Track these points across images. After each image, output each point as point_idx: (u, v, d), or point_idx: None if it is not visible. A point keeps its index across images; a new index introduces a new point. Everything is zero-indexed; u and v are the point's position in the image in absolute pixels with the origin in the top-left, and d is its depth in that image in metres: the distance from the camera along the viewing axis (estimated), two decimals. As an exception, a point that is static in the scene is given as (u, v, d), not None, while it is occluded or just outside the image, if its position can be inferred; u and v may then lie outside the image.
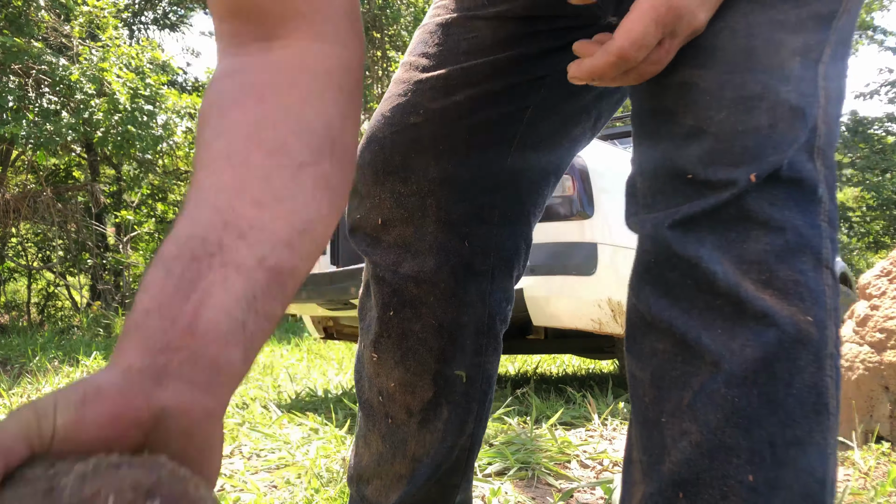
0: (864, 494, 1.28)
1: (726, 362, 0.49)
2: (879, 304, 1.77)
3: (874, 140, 15.62)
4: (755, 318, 0.49)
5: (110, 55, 6.75)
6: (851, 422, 1.70)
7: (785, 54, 0.51)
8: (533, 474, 1.57)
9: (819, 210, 0.51)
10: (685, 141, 0.52)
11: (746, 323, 0.49)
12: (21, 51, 6.13)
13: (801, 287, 0.50)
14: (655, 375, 0.54)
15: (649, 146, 0.56)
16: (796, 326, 0.49)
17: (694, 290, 0.51)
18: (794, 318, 0.49)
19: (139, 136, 6.60)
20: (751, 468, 0.49)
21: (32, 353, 5.16)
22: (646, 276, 0.55)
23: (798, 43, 0.52)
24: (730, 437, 0.50)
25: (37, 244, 9.30)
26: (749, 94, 0.51)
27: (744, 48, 0.51)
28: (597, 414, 2.22)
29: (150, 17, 11.63)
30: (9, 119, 6.10)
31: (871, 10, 15.39)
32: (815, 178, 0.51)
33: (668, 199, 0.53)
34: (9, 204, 7.40)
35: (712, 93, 0.52)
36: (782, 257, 0.50)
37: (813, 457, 0.50)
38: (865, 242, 17.73)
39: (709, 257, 0.50)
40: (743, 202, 0.50)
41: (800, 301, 0.50)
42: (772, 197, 0.50)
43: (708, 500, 0.50)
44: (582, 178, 2.54)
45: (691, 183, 0.52)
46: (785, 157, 0.50)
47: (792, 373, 0.49)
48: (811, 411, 0.50)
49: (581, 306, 2.48)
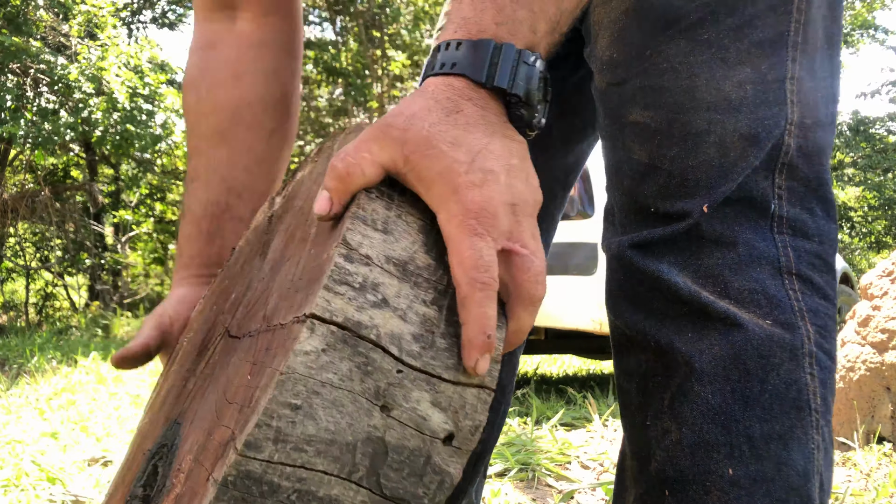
0: (865, 495, 1.27)
1: (697, 361, 0.52)
2: (881, 305, 1.77)
3: (876, 139, 15.63)
4: (720, 320, 0.52)
5: (109, 54, 6.74)
6: (853, 422, 1.70)
7: (730, 87, 0.54)
8: (533, 475, 1.56)
9: (771, 224, 0.54)
10: (643, 177, 0.56)
11: (713, 325, 0.52)
12: (19, 50, 6.12)
13: (757, 295, 0.53)
14: (640, 384, 0.56)
15: (615, 182, 0.60)
16: (761, 328, 0.52)
17: (662, 301, 0.54)
18: (756, 321, 0.52)
19: (138, 135, 6.59)
20: (730, 462, 0.50)
21: (30, 354, 5.14)
22: (619, 294, 0.58)
23: (745, 73, 0.55)
24: (708, 433, 0.51)
25: (35, 244, 9.29)
26: (696, 131, 0.54)
27: (687, 88, 0.54)
28: (597, 415, 2.21)
29: (149, 16, 11.61)
30: (7, 118, 6.09)
31: (872, 9, 15.41)
32: (766, 195, 0.54)
33: (634, 226, 0.57)
34: (7, 204, 7.38)
35: (662, 132, 0.55)
36: (736, 269, 0.53)
37: (794, 451, 0.51)
38: (867, 242, 17.74)
39: (668, 271, 0.54)
40: (696, 224, 0.54)
41: (757, 307, 0.52)
42: (722, 216, 0.53)
43: (693, 496, 0.51)
44: (583, 178, 2.54)
45: (653, 214, 0.56)
46: (736, 183, 0.53)
47: (766, 370, 0.51)
48: (791, 407, 0.51)
49: (581, 306, 2.48)
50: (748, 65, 0.55)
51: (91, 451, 1.88)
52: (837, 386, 1.76)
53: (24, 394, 3.41)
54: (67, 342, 6.04)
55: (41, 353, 5.15)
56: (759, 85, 0.55)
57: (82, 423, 2.53)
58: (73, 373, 4.28)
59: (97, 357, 4.96)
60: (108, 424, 2.55)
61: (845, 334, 1.83)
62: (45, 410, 2.85)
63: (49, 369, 4.39)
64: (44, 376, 4.05)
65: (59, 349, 5.54)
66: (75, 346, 5.58)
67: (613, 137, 0.60)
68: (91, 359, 4.86)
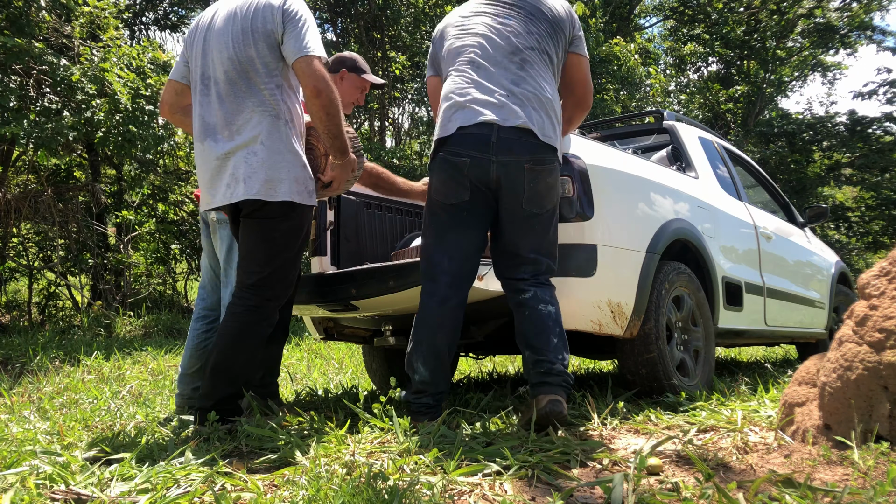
0: (863, 494, 1.28)
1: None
2: (878, 304, 1.77)
3: (873, 139, 15.61)
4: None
5: (111, 55, 6.75)
6: (850, 421, 1.71)
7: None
8: (533, 473, 1.57)
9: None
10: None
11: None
12: (22, 51, 6.13)
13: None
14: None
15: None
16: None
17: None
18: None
19: (140, 136, 6.61)
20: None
21: (33, 353, 5.16)
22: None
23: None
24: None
25: (38, 244, 9.30)
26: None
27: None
28: (596, 413, 2.22)
29: (151, 17, 11.63)
30: (10, 119, 6.11)
31: (870, 11, 15.39)
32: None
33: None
34: (10, 204, 7.40)
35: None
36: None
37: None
38: (864, 242, 17.71)
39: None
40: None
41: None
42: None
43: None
44: (581, 179, 2.54)
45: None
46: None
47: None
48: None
49: (581, 307, 2.48)
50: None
51: (93, 449, 1.89)
52: (835, 385, 1.76)
53: (27, 392, 3.43)
54: (70, 341, 6.06)
55: (44, 352, 5.17)
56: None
57: (85, 422, 2.55)
58: (75, 372, 4.30)
59: (99, 356, 4.98)
60: (110, 423, 2.56)
61: (843, 333, 1.84)
62: (47, 409, 2.86)
63: (52, 368, 4.40)
64: (46, 375, 4.07)
65: (61, 348, 5.56)
66: (78, 346, 5.59)
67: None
68: (93, 358, 4.88)
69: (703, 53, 17.09)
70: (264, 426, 2.05)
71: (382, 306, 2.65)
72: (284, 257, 2.27)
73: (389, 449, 1.84)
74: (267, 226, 2.24)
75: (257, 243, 2.26)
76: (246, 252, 2.29)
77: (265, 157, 2.20)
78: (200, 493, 1.46)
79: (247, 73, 2.23)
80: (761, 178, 4.63)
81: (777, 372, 3.68)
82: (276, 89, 2.24)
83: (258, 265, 2.25)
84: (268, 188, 2.19)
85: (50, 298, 9.15)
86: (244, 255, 2.29)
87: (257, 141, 2.20)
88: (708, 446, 1.86)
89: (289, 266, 2.30)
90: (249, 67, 2.23)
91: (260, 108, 2.22)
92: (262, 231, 2.25)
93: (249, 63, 2.22)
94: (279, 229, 2.25)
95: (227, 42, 2.26)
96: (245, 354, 2.20)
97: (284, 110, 2.25)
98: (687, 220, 2.99)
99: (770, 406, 2.36)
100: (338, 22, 11.91)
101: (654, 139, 3.91)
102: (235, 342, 2.18)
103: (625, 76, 11.70)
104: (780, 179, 15.38)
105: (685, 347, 2.94)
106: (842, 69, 17.98)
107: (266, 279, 2.25)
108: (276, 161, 2.20)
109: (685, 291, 2.93)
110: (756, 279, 3.63)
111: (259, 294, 2.24)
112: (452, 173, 2.16)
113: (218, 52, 2.27)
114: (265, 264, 2.24)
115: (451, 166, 2.16)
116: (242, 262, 2.30)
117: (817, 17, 15.76)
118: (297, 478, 1.54)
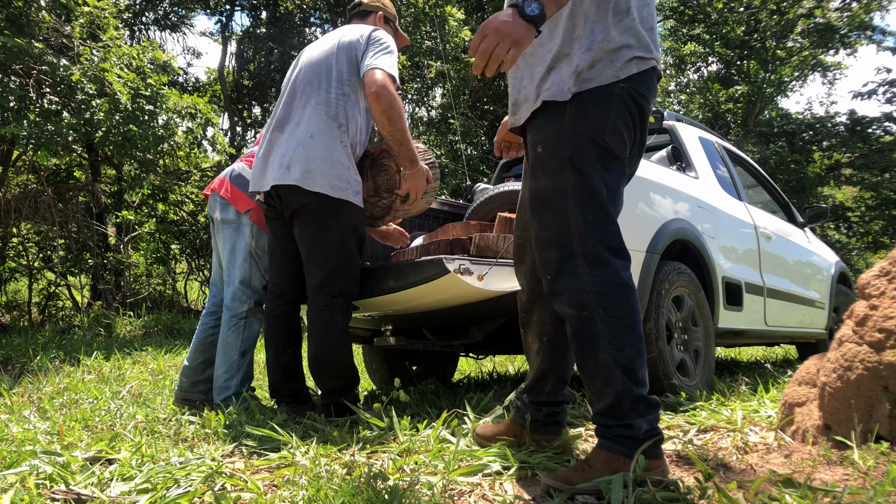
0: (863, 494, 1.28)
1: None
2: (878, 304, 1.77)
3: (872, 139, 15.60)
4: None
5: (111, 55, 6.75)
6: (851, 421, 1.71)
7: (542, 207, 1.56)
8: (533, 473, 1.57)
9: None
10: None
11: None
12: (22, 51, 6.13)
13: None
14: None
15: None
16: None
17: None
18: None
19: (140, 136, 6.60)
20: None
21: (33, 353, 5.16)
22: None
23: (546, 195, 1.52)
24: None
25: (38, 244, 9.30)
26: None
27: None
28: (596, 414, 2.22)
29: (151, 17, 11.63)
30: (10, 119, 6.10)
31: (870, 11, 15.38)
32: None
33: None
34: (10, 204, 7.40)
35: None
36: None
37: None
38: (864, 242, 17.71)
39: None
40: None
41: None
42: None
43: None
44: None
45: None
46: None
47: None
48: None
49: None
50: (551, 193, 1.55)
51: (94, 449, 1.89)
52: (835, 385, 1.76)
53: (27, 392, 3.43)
54: (70, 341, 6.06)
55: (44, 352, 5.17)
56: (551, 206, 1.58)
57: (85, 422, 2.55)
58: (75, 372, 4.30)
59: (99, 356, 4.98)
60: (110, 423, 2.56)
61: (843, 334, 1.84)
62: (47, 409, 2.86)
63: (52, 368, 4.40)
64: (46, 375, 4.07)
65: (61, 348, 5.56)
66: (78, 346, 5.59)
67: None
68: (93, 358, 4.88)
69: (703, 53, 17.09)
70: (264, 426, 2.05)
71: (382, 306, 2.65)
72: (342, 256, 2.40)
73: (389, 449, 1.84)
74: (317, 226, 2.38)
75: (313, 246, 2.40)
76: (306, 255, 2.44)
77: (312, 149, 2.37)
78: (200, 493, 1.46)
79: (320, 77, 2.46)
80: (761, 178, 4.63)
81: (777, 372, 3.68)
82: (342, 97, 2.44)
83: (318, 265, 2.39)
84: (306, 177, 2.35)
85: (50, 298, 9.15)
86: (305, 259, 2.44)
87: (309, 134, 2.39)
88: (708, 446, 1.86)
89: (349, 264, 2.42)
90: (324, 73, 2.47)
91: (321, 108, 2.42)
92: (314, 232, 2.39)
93: (326, 69, 2.47)
94: (331, 228, 2.38)
95: (315, 52, 2.56)
96: (335, 348, 2.38)
97: (342, 115, 2.43)
98: (687, 220, 2.99)
99: (770, 406, 2.36)
100: (338, 22, 11.91)
101: (654, 139, 3.91)
102: (322, 342, 2.37)
103: (625, 76, 11.65)
104: (780, 179, 15.37)
105: (685, 347, 2.94)
106: (842, 69, 17.98)
107: (328, 278, 2.38)
108: (320, 155, 2.37)
109: (685, 291, 2.93)
110: (756, 279, 3.63)
111: (326, 293, 2.39)
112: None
113: (306, 58, 2.57)
114: (324, 264, 2.38)
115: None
116: (306, 266, 2.45)
117: (817, 17, 15.76)
118: (297, 478, 1.54)
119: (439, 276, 2.31)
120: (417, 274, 2.37)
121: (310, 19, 12.38)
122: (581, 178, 1.46)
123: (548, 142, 1.50)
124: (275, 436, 1.97)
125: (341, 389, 2.40)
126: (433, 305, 2.58)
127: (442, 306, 2.58)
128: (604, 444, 1.44)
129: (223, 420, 2.30)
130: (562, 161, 1.47)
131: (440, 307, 2.60)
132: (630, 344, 1.42)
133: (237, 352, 2.66)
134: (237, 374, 2.65)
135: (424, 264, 2.36)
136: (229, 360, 2.65)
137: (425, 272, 2.35)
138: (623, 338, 1.42)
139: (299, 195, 2.37)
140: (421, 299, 2.50)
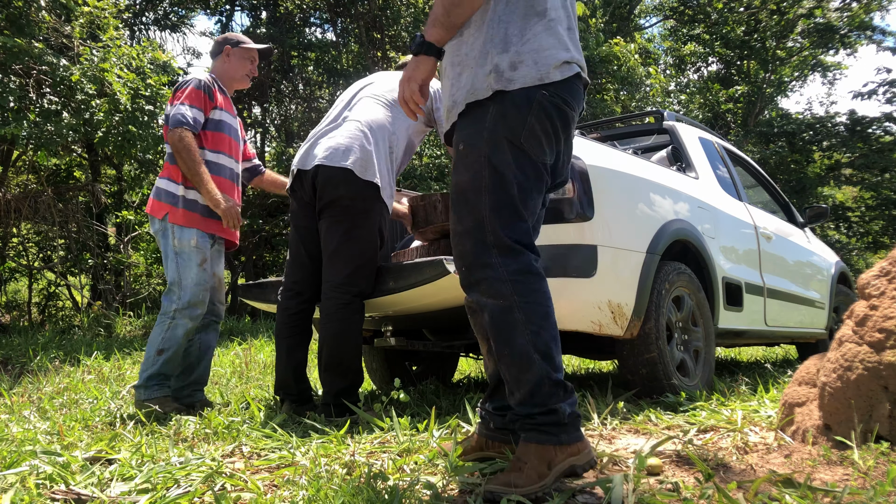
0: (863, 494, 1.28)
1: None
2: (878, 304, 1.77)
3: (872, 139, 15.60)
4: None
5: (111, 56, 6.75)
6: (851, 421, 1.71)
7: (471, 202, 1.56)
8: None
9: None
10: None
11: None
12: (22, 51, 6.13)
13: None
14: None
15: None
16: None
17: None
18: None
19: (140, 136, 6.61)
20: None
21: (33, 353, 5.16)
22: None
23: (464, 189, 1.56)
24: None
25: (38, 244, 9.30)
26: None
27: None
28: (596, 414, 2.22)
29: (151, 17, 11.63)
30: (10, 119, 6.10)
31: (870, 11, 15.39)
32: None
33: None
34: (10, 204, 7.40)
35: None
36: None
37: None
38: (864, 242, 17.72)
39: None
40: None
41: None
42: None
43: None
44: (582, 179, 2.54)
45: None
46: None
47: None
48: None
49: (581, 308, 2.48)
50: (479, 186, 1.57)
51: (94, 449, 1.89)
52: (835, 385, 1.76)
53: (27, 392, 3.43)
54: (70, 342, 6.06)
55: (44, 352, 5.17)
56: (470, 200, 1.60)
57: (85, 422, 2.55)
58: (75, 372, 4.30)
59: (99, 356, 4.98)
60: (110, 423, 2.56)
61: (843, 334, 1.84)
62: (47, 409, 2.86)
63: (52, 368, 4.40)
64: (46, 375, 4.07)
65: (61, 348, 5.56)
66: (78, 346, 5.59)
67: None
68: (93, 358, 4.88)
69: (703, 53, 17.10)
70: (264, 426, 2.05)
71: (382, 306, 2.65)
72: (368, 256, 2.45)
73: (389, 449, 1.84)
74: (349, 223, 2.44)
75: (343, 242, 2.44)
76: (332, 251, 2.47)
77: (366, 143, 2.47)
78: (200, 493, 1.46)
79: (387, 100, 2.64)
80: (761, 178, 4.63)
81: (777, 372, 3.68)
82: (399, 121, 2.61)
83: (345, 263, 2.44)
84: (358, 164, 2.43)
85: (50, 298, 9.15)
86: (331, 253, 2.47)
87: (363, 120, 2.53)
88: (708, 446, 1.86)
89: (371, 265, 2.47)
90: (390, 100, 2.64)
91: (381, 114, 2.58)
92: (346, 228, 2.44)
93: (392, 99, 2.64)
94: (362, 227, 2.44)
95: (383, 82, 2.74)
96: (349, 347, 2.42)
97: (392, 132, 2.58)
98: (687, 221, 2.99)
99: (770, 406, 2.36)
100: (338, 22, 11.91)
101: (654, 139, 3.91)
102: (337, 338, 2.39)
103: (625, 76, 11.70)
104: (780, 179, 15.38)
105: (685, 347, 2.94)
106: (842, 69, 17.99)
107: (351, 276, 2.43)
108: (372, 151, 2.46)
109: (685, 292, 2.93)
110: (756, 279, 3.63)
111: (348, 290, 2.42)
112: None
113: (376, 82, 2.74)
114: (350, 262, 2.44)
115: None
116: (329, 261, 2.48)
117: (817, 17, 15.76)
118: (297, 478, 1.54)
119: (440, 277, 2.31)
120: (418, 275, 2.37)
121: (310, 19, 12.37)
122: (496, 176, 1.51)
123: (469, 140, 1.55)
124: (275, 436, 1.97)
125: (346, 390, 2.41)
126: (434, 306, 2.58)
127: (442, 307, 2.58)
128: (530, 436, 1.44)
129: (223, 421, 2.30)
130: (480, 158, 1.52)
131: (440, 308, 2.60)
132: (546, 329, 1.46)
133: (154, 348, 2.72)
134: (149, 368, 2.71)
135: (425, 265, 2.36)
136: (147, 354, 2.73)
137: (426, 273, 2.35)
138: (539, 323, 1.46)
139: (341, 183, 2.42)
140: (421, 300, 2.50)
